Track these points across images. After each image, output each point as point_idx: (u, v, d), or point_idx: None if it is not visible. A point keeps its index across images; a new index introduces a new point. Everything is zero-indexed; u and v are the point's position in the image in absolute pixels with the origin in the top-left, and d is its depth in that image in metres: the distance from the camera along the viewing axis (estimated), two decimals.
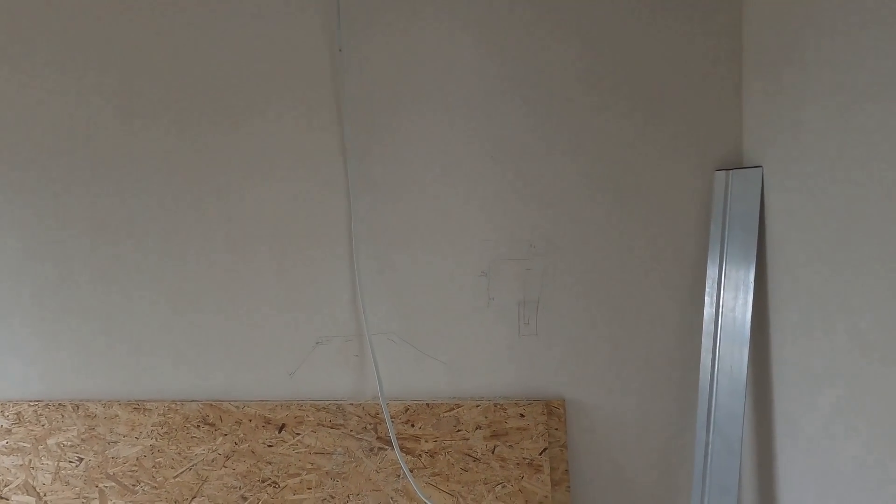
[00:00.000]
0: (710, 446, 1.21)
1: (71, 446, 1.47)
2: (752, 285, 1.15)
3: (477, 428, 1.33)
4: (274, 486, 1.40)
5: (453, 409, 1.34)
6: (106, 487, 1.46)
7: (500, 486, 1.33)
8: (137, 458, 1.45)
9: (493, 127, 1.30)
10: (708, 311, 1.24)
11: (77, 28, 1.39)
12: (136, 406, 1.45)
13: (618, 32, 1.25)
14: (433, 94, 1.31)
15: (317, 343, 1.42)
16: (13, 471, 1.49)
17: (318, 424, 1.39)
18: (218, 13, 1.35)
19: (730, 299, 1.20)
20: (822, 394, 0.98)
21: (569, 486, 1.32)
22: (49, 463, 1.48)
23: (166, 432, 1.43)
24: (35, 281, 1.47)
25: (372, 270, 1.37)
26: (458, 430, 1.33)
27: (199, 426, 1.43)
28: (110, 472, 1.46)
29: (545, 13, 1.26)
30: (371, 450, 1.37)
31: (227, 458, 1.42)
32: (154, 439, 1.44)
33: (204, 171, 1.40)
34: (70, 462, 1.47)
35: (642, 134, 1.26)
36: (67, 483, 1.47)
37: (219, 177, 1.40)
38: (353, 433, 1.37)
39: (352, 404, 1.38)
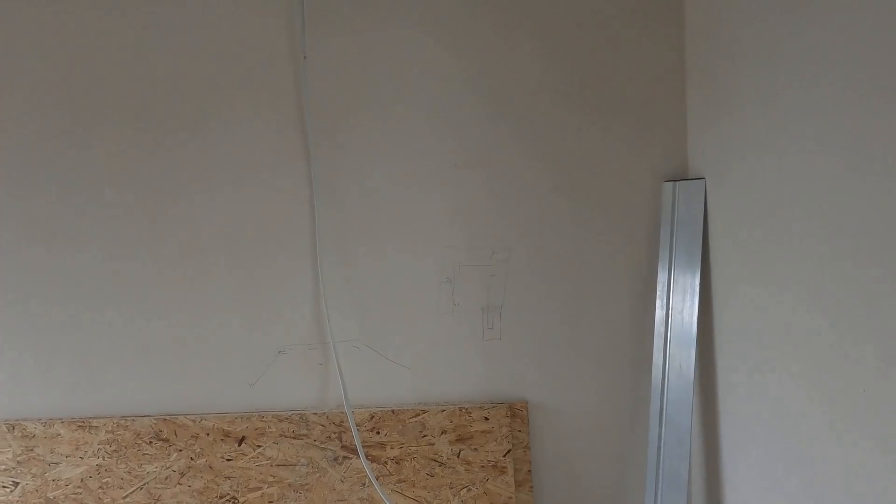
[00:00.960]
0: (662, 440, 1.28)
1: (5, 470, 1.36)
2: (697, 290, 1.24)
3: (442, 433, 1.34)
4: (233, 502, 1.36)
5: (419, 414, 1.35)
6: None
7: (465, 490, 1.34)
8: (82, 479, 1.36)
9: (456, 133, 1.34)
10: (659, 313, 1.32)
11: (30, 28, 1.32)
12: (81, 423, 1.37)
13: (575, 43, 1.32)
14: (397, 101, 1.33)
15: (279, 352, 1.39)
16: None
17: (281, 435, 1.36)
18: (181, 16, 1.32)
19: (678, 302, 1.28)
20: (761, 388, 1.07)
21: (532, 486, 1.36)
22: None
23: (115, 450, 1.36)
24: None
25: (336, 277, 1.37)
26: (424, 436, 1.35)
27: (151, 442, 1.36)
28: (51, 495, 1.36)
29: (509, 24, 1.32)
30: (335, 459, 1.35)
31: (183, 474, 1.36)
32: (101, 458, 1.36)
33: (160, 177, 1.35)
34: (4, 487, 1.36)
35: (599, 144, 1.34)
36: None
37: (176, 182, 1.35)
38: (316, 443, 1.36)
39: (315, 413, 1.37)
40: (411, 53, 1.32)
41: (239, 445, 1.36)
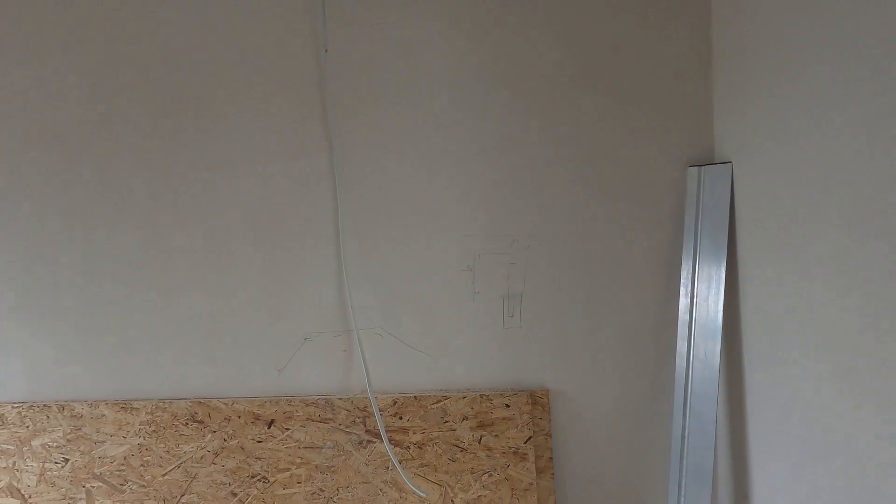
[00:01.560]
0: (686, 430, 1.26)
1: (56, 447, 1.46)
2: (723, 277, 1.21)
3: (463, 419, 1.36)
4: (263, 482, 1.42)
5: (440, 401, 1.37)
6: (93, 487, 1.45)
7: (486, 475, 1.36)
8: (125, 458, 1.45)
9: (476, 122, 1.34)
10: (683, 301, 1.30)
11: (56, 19, 1.39)
12: (124, 405, 1.45)
13: (596, 28, 1.30)
14: (417, 90, 1.34)
15: (305, 339, 1.44)
16: None
17: (308, 419, 1.41)
18: (207, 10, 1.36)
19: (703, 290, 1.25)
20: (788, 378, 1.04)
21: (553, 473, 1.36)
22: (34, 464, 1.47)
23: (154, 431, 1.44)
24: (18, 279, 1.47)
25: (358, 265, 1.40)
26: (446, 422, 1.37)
27: (187, 424, 1.44)
28: (97, 471, 1.45)
29: (528, 11, 1.31)
30: (360, 443, 1.39)
31: (216, 454, 1.43)
32: (142, 438, 1.44)
33: (187, 166, 1.41)
34: (56, 463, 1.46)
35: (621, 130, 1.31)
36: (53, 484, 1.46)
37: (203, 171, 1.41)
38: (342, 427, 1.40)
39: (340, 398, 1.41)
40: (431, 43, 1.33)
41: (268, 428, 1.42)
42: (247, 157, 1.39)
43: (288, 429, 1.41)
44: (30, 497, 1.47)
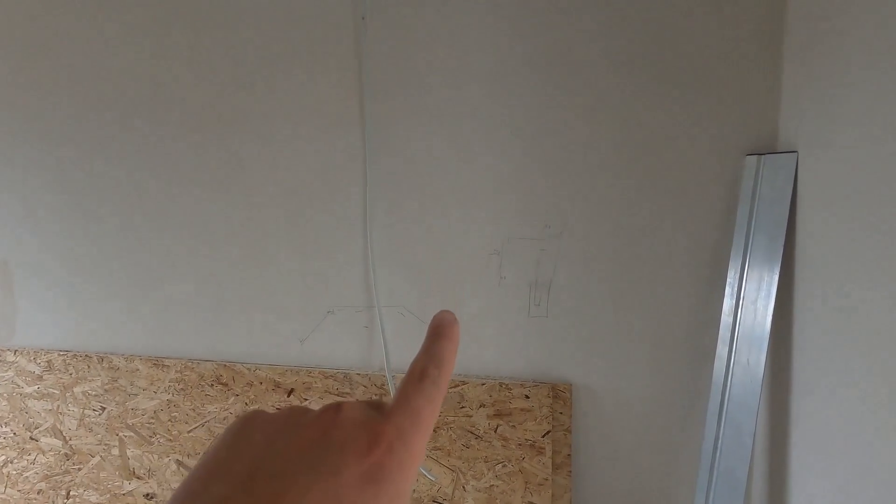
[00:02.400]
0: (719, 439, 1.17)
1: (95, 395, 1.54)
2: (776, 279, 1.09)
3: (481, 406, 1.32)
4: None
5: (458, 385, 1.34)
6: (125, 437, 1.53)
7: (500, 465, 1.32)
8: (155, 412, 1.51)
9: (513, 102, 1.26)
10: (728, 301, 1.19)
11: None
12: (156, 362, 1.51)
13: (645, 4, 1.18)
14: (453, 65, 1.28)
15: (328, 312, 1.43)
16: (43, 414, 1.58)
17: (326, 391, 1.41)
18: None
19: (752, 291, 1.14)
20: (843, 395, 0.93)
21: (570, 471, 1.31)
22: (75, 409, 1.56)
23: (182, 389, 1.49)
24: (66, 235, 1.54)
25: (384, 242, 1.37)
26: (462, 407, 1.33)
27: (213, 385, 1.48)
28: (129, 422, 1.53)
29: None
30: None
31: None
32: (171, 395, 1.50)
33: (224, 131, 1.42)
34: (94, 410, 1.55)
35: (669, 113, 1.20)
36: (91, 430, 1.55)
37: (236, 137, 1.41)
38: None
39: (359, 374, 1.40)
40: (468, 17, 1.26)
41: (288, 396, 1.43)
42: (282, 125, 1.38)
43: (306, 399, 1.42)
44: (70, 439, 1.57)
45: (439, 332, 0.29)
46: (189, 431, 1.49)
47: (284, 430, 0.24)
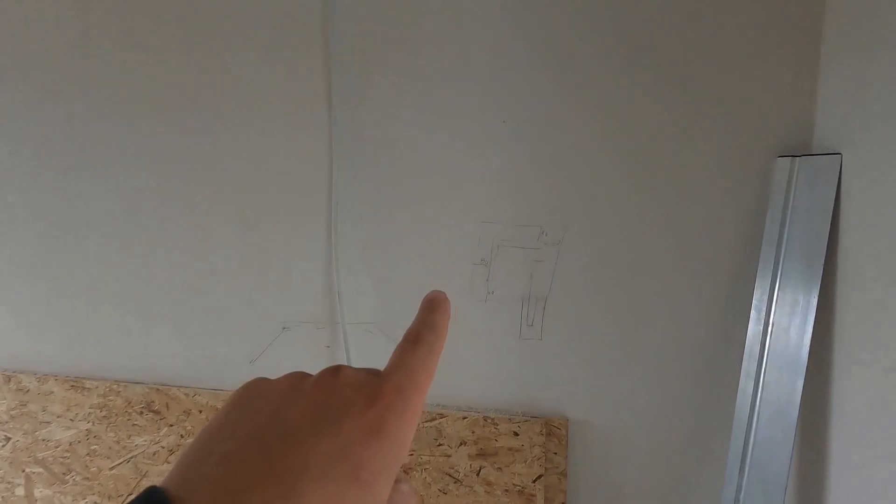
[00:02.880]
0: (742, 490, 0.99)
1: None
2: (815, 302, 0.93)
3: (461, 444, 1.12)
4: None
5: (435, 419, 1.14)
6: (33, 473, 1.27)
7: None
8: (71, 444, 1.26)
9: (506, 84, 1.07)
10: (753, 328, 1.02)
11: None
12: (74, 384, 1.26)
13: None
14: (438, 43, 1.08)
15: (284, 328, 1.21)
16: None
17: None
18: None
19: (783, 317, 0.97)
20: (892, 450, 0.76)
21: None
22: None
23: (105, 416, 1.24)
24: None
25: (352, 247, 1.16)
26: (439, 445, 1.13)
27: (142, 413, 1.24)
28: (39, 456, 1.27)
29: None
30: None
31: (172, 452, 1.23)
32: (91, 423, 1.25)
33: (168, 115, 1.19)
34: None
35: (687, 108, 1.03)
36: None
37: (187, 118, 1.18)
38: None
39: None
40: None
41: None
42: (235, 109, 1.17)
43: None
44: None
45: (433, 306, 0.30)
46: (111, 468, 1.25)
47: (287, 395, 0.26)
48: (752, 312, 1.02)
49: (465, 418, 1.12)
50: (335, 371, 0.26)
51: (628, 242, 1.08)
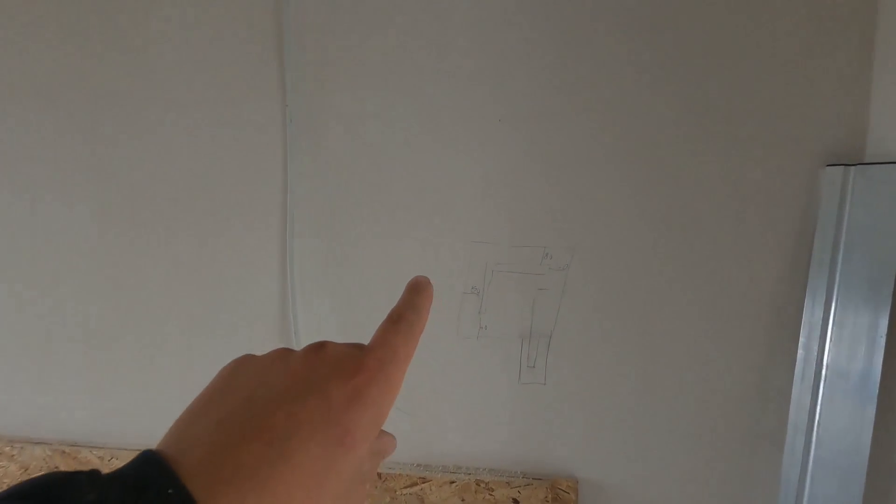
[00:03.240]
0: None
1: None
2: (883, 342, 0.76)
3: None
4: None
5: (416, 483, 0.92)
6: None
7: None
8: None
9: (503, 77, 0.89)
10: (801, 367, 0.84)
11: None
12: None
13: None
14: (419, 24, 0.89)
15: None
16: None
17: None
18: None
19: (841, 351, 0.80)
20: None
21: None
22: None
23: None
24: None
25: (312, 270, 0.95)
26: None
27: None
28: None
29: None
30: None
31: None
32: None
33: (92, 111, 0.96)
34: None
35: (714, 109, 0.86)
36: None
37: (114, 115, 0.95)
38: None
39: None
40: None
41: None
42: (172, 99, 0.94)
43: None
44: None
45: (417, 289, 0.32)
46: None
47: (273, 368, 0.26)
48: (799, 351, 0.85)
49: (452, 483, 0.91)
50: (320, 346, 0.27)
51: (647, 269, 0.89)
